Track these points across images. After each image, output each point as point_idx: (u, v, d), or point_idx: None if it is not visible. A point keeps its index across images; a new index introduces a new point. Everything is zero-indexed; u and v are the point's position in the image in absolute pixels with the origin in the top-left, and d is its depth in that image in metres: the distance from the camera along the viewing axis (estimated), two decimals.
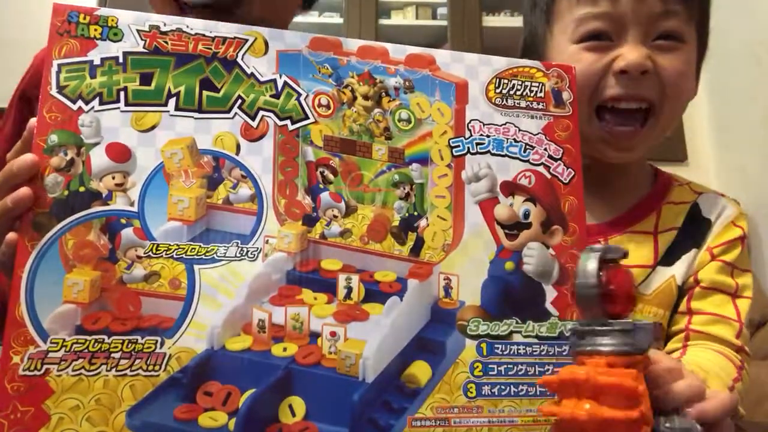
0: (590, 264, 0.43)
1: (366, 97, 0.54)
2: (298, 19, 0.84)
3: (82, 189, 0.47)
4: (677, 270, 0.70)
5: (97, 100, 0.49)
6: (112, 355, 0.45)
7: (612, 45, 0.68)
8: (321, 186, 0.52)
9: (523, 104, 0.57)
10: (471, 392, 0.50)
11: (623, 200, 0.75)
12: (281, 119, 0.52)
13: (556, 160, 0.57)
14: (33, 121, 0.48)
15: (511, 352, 0.52)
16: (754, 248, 1.91)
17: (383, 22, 2.38)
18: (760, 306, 0.75)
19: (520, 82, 0.57)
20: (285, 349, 0.48)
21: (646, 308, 0.69)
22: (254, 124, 0.51)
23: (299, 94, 0.52)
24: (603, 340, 0.42)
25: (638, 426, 0.39)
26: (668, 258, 0.71)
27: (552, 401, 0.44)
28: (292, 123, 0.52)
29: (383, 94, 0.54)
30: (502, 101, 0.57)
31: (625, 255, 0.45)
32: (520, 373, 0.52)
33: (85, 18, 0.50)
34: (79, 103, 0.48)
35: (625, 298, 0.43)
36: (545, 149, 0.57)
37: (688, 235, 0.72)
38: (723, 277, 0.69)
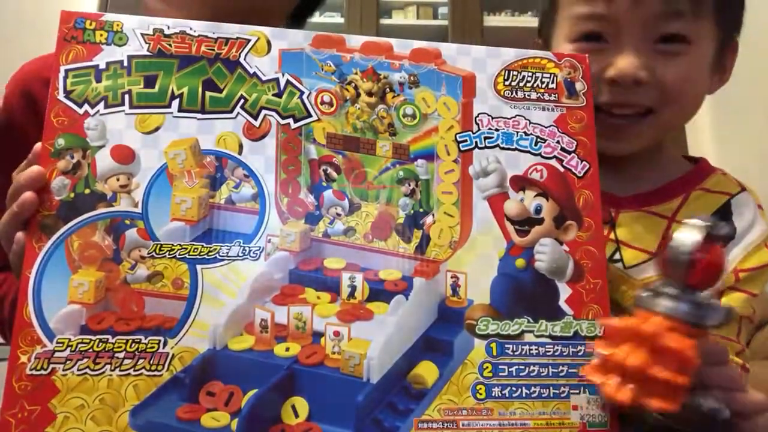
0: (694, 233, 0.44)
1: (370, 94, 0.53)
2: None
3: (87, 191, 0.48)
4: None
5: (102, 103, 0.49)
6: (116, 354, 0.46)
7: (607, 48, 0.63)
8: (324, 184, 0.52)
9: (534, 96, 0.55)
10: (480, 394, 0.49)
11: (652, 178, 0.69)
12: (284, 118, 0.52)
13: (569, 152, 0.54)
14: (38, 146, 0.49)
15: (523, 353, 0.50)
16: None
17: (384, 21, 2.38)
18: (761, 308, 0.70)
19: (530, 74, 0.56)
20: (288, 349, 0.48)
21: (630, 291, 0.63)
22: (256, 123, 0.51)
23: (302, 93, 0.52)
24: (674, 305, 0.44)
25: (678, 391, 0.41)
26: None
27: (603, 342, 0.46)
28: (295, 121, 0.52)
29: (387, 89, 0.53)
30: (512, 93, 0.55)
31: (731, 237, 0.45)
32: (532, 374, 0.50)
33: (91, 24, 0.51)
34: (85, 106, 0.49)
35: (712, 275, 0.44)
36: (558, 142, 0.54)
37: None
38: (744, 308, 0.64)
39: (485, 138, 0.54)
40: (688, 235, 0.44)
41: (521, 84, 0.55)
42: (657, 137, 0.68)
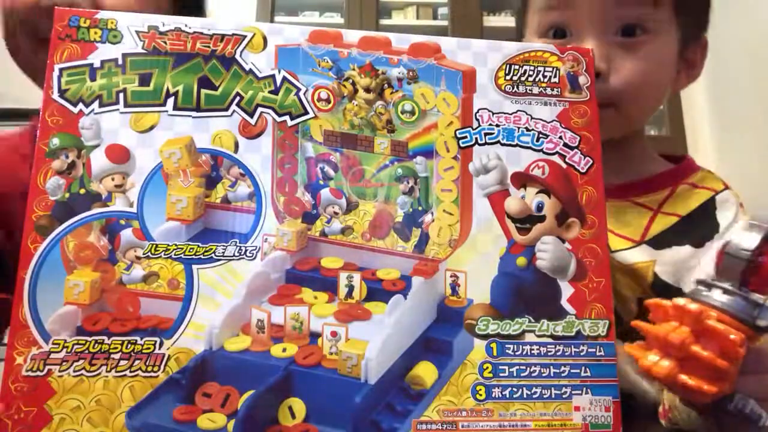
0: (754, 235, 0.43)
1: (367, 90, 0.52)
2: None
3: (82, 191, 0.48)
4: (661, 258, 0.65)
5: (97, 102, 0.49)
6: (112, 355, 0.45)
7: (570, 42, 0.65)
8: (321, 182, 0.51)
9: (535, 90, 0.54)
10: (480, 395, 0.48)
11: (635, 170, 0.71)
12: (280, 115, 0.51)
13: (572, 148, 0.53)
14: None
15: (524, 353, 0.49)
16: None
17: (384, 22, 2.41)
18: None
19: (532, 68, 0.54)
20: (284, 350, 0.47)
21: (616, 275, 0.64)
22: (252, 121, 0.50)
23: (298, 89, 0.51)
24: (728, 299, 0.43)
25: (720, 376, 0.40)
26: (657, 241, 0.66)
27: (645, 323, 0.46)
28: (291, 119, 0.51)
29: (386, 85, 0.52)
30: (513, 88, 0.54)
31: None
32: (533, 374, 0.49)
33: (85, 22, 0.50)
34: (80, 106, 0.49)
35: None
36: (560, 137, 0.53)
37: (689, 228, 0.67)
38: None
39: (486, 134, 0.52)
40: (750, 235, 0.43)
41: (523, 78, 0.54)
42: (622, 129, 0.69)
